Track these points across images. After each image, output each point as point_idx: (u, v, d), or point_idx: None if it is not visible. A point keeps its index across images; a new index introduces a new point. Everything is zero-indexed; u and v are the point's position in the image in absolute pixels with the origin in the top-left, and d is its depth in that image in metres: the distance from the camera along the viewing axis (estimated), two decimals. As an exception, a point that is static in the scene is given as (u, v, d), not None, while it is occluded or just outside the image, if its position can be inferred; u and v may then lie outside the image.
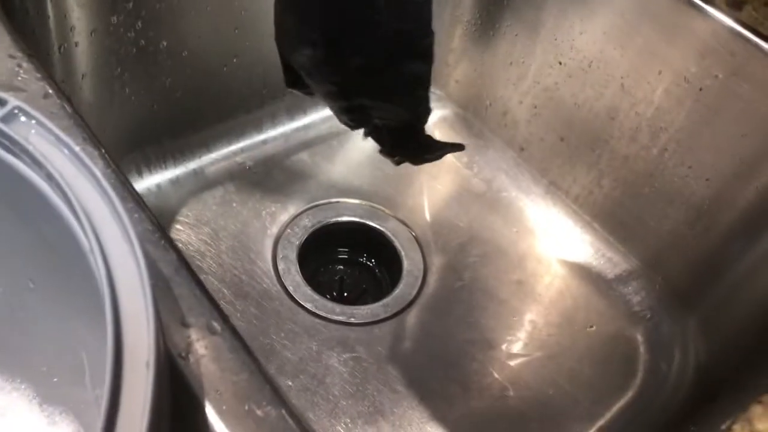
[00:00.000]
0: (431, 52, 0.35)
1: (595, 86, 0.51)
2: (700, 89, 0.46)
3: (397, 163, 0.40)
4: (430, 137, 0.39)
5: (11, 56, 0.31)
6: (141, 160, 0.53)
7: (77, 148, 0.24)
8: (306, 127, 0.61)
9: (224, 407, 0.22)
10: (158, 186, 0.52)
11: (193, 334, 0.23)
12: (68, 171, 0.24)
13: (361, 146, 0.62)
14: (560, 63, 0.53)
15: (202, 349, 0.23)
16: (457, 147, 0.41)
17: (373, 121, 0.37)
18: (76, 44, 0.44)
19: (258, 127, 0.58)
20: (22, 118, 0.25)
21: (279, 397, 0.22)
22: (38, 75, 0.30)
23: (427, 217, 0.57)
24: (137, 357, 0.20)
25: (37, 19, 0.40)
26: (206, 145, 0.56)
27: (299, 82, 0.36)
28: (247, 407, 0.22)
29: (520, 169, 0.59)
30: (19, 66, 0.30)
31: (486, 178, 0.60)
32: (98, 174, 0.23)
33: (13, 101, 0.25)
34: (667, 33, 0.46)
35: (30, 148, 0.24)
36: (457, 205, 0.59)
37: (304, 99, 0.60)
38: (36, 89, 0.30)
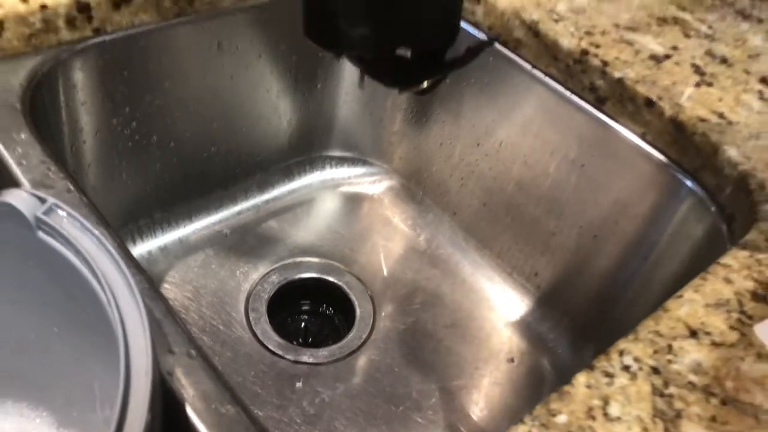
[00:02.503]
0: None
1: (506, 163, 0.63)
2: (582, 165, 0.57)
3: (425, 92, 0.41)
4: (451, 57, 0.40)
5: (42, 161, 0.42)
6: (135, 230, 0.63)
7: (96, 232, 0.35)
8: (274, 198, 0.72)
9: (197, 407, 0.32)
10: (149, 252, 0.63)
11: (177, 359, 0.34)
12: (91, 248, 0.34)
13: (321, 213, 0.73)
14: (478, 144, 0.65)
15: (183, 369, 0.33)
16: (486, 44, 0.43)
17: (399, 52, 0.37)
18: (84, 142, 0.55)
19: (233, 200, 0.70)
20: (59, 212, 0.35)
21: (237, 399, 0.33)
22: (62, 175, 0.41)
23: (378, 271, 0.68)
24: (140, 373, 0.31)
25: (55, 126, 0.52)
26: (189, 217, 0.67)
27: (318, 30, 0.38)
28: (213, 407, 0.32)
29: (454, 229, 0.71)
30: (49, 169, 0.42)
31: (427, 237, 0.71)
32: (112, 250, 0.34)
33: (50, 199, 0.35)
34: (555, 123, 0.58)
35: (64, 233, 0.34)
36: (403, 261, 0.70)
37: (272, 175, 0.72)
38: (61, 186, 0.41)
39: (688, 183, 0.51)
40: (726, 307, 0.37)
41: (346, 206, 0.74)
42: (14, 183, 0.41)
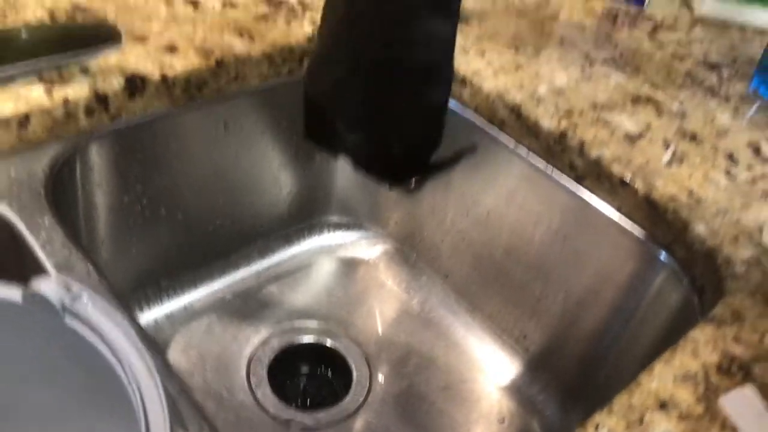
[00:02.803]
0: (451, 83, 0.41)
1: (494, 231, 0.67)
2: (565, 236, 0.61)
3: (413, 190, 0.45)
4: (437, 160, 0.44)
5: (64, 245, 0.45)
6: (143, 298, 0.67)
7: (118, 316, 0.38)
8: (275, 264, 0.75)
9: (211, 480, 0.35)
10: (156, 321, 0.66)
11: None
12: (113, 332, 0.38)
13: (320, 277, 0.76)
14: (467, 212, 0.69)
15: (197, 444, 0.36)
16: (467, 151, 0.49)
17: (392, 151, 0.42)
18: (99, 219, 0.59)
19: (236, 267, 0.73)
20: (83, 298, 0.39)
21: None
22: (82, 257, 0.45)
23: (373, 334, 0.71)
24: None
25: (73, 205, 0.55)
26: (194, 284, 0.70)
27: (318, 131, 0.42)
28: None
29: (447, 292, 0.74)
30: (70, 252, 0.45)
31: (420, 300, 0.75)
32: (132, 333, 0.37)
33: (76, 286, 0.39)
34: (538, 196, 0.62)
35: (89, 318, 0.38)
36: (398, 324, 0.73)
37: (273, 241, 0.76)
38: (81, 268, 0.44)
39: (663, 256, 0.55)
40: (693, 380, 0.40)
41: (343, 270, 0.77)
42: (39, 266, 0.44)
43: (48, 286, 0.38)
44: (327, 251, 0.78)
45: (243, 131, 0.65)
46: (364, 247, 0.79)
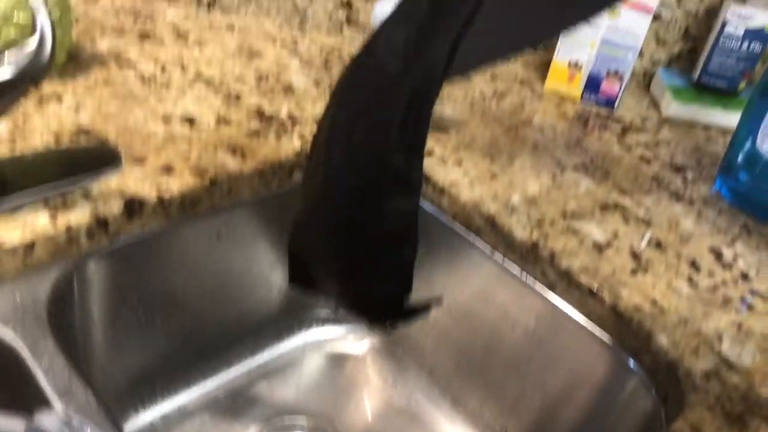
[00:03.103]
0: (417, 242, 0.46)
1: (474, 330, 0.70)
2: (540, 339, 0.65)
3: (390, 331, 0.52)
4: (410, 306, 0.50)
5: (64, 369, 0.48)
6: (138, 401, 0.69)
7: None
8: (265, 362, 0.78)
9: None
10: (151, 424, 0.69)
11: None
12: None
13: (308, 373, 0.79)
14: (449, 312, 0.72)
15: None
16: (432, 304, 0.54)
17: (368, 298, 0.47)
18: (96, 330, 0.62)
19: (228, 365, 0.76)
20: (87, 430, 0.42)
21: None
22: (82, 383, 0.48)
23: (361, 428, 0.73)
24: None
25: (71, 319, 0.59)
26: (187, 384, 0.73)
27: (300, 279, 0.49)
28: None
29: (431, 387, 0.77)
30: (71, 378, 0.48)
31: (406, 395, 0.77)
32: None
33: (77, 419, 0.42)
34: (514, 300, 0.66)
35: (87, 451, 0.41)
36: (385, 418, 0.75)
37: (264, 338, 0.79)
38: (81, 395, 0.47)
39: (632, 363, 0.58)
40: (653, 500, 0.43)
41: (332, 365, 0.80)
42: (41, 391, 0.47)
43: (50, 420, 0.41)
44: (316, 347, 0.81)
45: (235, 239, 0.69)
46: (351, 341, 0.82)
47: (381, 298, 0.49)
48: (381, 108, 0.41)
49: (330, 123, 0.43)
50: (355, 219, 0.45)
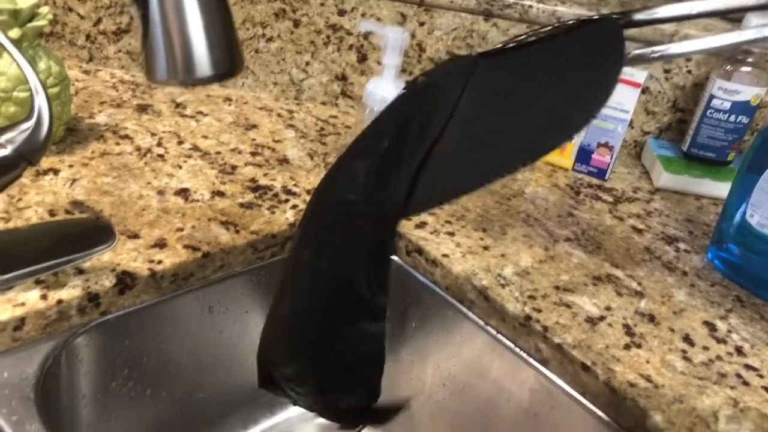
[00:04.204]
0: (383, 361, 0.49)
1: (469, 404, 0.69)
2: (535, 414, 0.64)
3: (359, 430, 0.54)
4: (379, 409, 0.53)
5: (49, 451, 0.48)
6: (124, 478, 0.68)
7: None
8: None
9: None
10: (138, 503, 0.67)
11: None
12: None
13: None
14: (444, 384, 0.71)
15: None
16: (400, 408, 0.55)
17: (338, 405, 0.51)
18: (85, 406, 0.61)
19: (218, 439, 0.75)
20: None
21: None
22: (66, 465, 0.47)
23: (354, 506, 0.72)
24: None
25: (59, 398, 0.58)
26: (177, 460, 0.71)
27: (269, 384, 0.51)
28: None
29: (426, 462, 0.75)
30: (54, 459, 0.47)
31: (400, 469, 0.76)
32: None
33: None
34: (509, 374, 0.65)
35: None
36: (378, 495, 0.73)
37: (255, 411, 0.78)
38: (65, 477, 0.46)
39: (626, 441, 0.57)
40: None
41: (324, 438, 0.78)
42: (23, 475, 0.46)
43: None
44: (308, 419, 0.80)
45: (228, 311, 0.69)
46: (344, 414, 0.80)
47: (350, 407, 0.52)
48: (344, 239, 0.44)
49: (296, 253, 0.46)
50: (320, 343, 0.48)
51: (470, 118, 0.42)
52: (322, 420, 0.80)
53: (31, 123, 0.51)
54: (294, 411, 0.80)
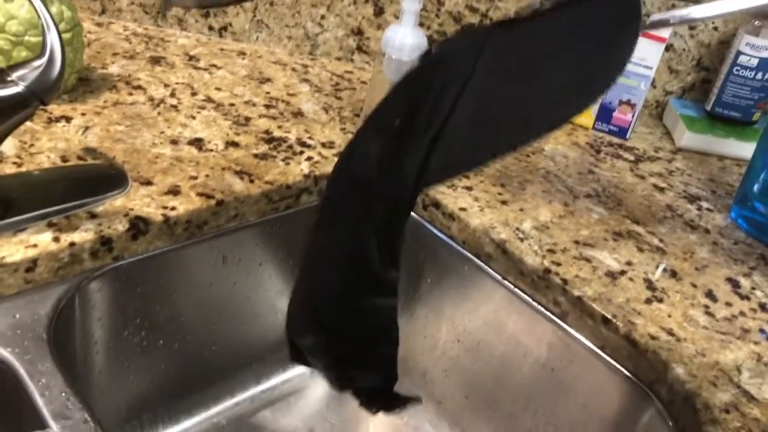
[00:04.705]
0: (397, 339, 0.50)
1: (484, 360, 0.69)
2: (552, 369, 0.63)
3: (374, 413, 0.54)
4: (396, 394, 0.53)
5: (63, 392, 0.47)
6: (138, 426, 0.68)
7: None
8: (269, 388, 0.76)
9: None
10: (151, 451, 0.67)
11: None
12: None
13: (313, 401, 0.77)
14: (458, 340, 0.71)
15: None
16: (414, 400, 0.55)
17: (357, 384, 0.52)
18: (97, 353, 0.61)
19: (231, 392, 0.74)
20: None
21: None
22: (80, 406, 0.46)
23: (366, 461, 0.71)
24: None
25: (73, 343, 0.57)
26: (189, 411, 0.71)
27: (300, 357, 0.52)
28: None
29: (440, 419, 0.75)
30: (68, 400, 0.47)
31: (414, 425, 0.75)
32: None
33: (70, 441, 0.40)
34: (526, 329, 0.64)
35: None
36: (391, 450, 0.73)
37: (268, 367, 0.77)
38: (78, 416, 0.46)
39: (647, 395, 0.56)
40: None
41: (337, 395, 0.78)
42: (36, 413, 0.46)
43: (44, 444, 0.39)
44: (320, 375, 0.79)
45: (241, 263, 0.68)
46: (358, 370, 0.80)
47: (367, 387, 0.52)
48: (362, 215, 0.44)
49: (315, 230, 0.47)
50: (336, 315, 0.48)
51: (485, 89, 0.41)
52: (335, 376, 0.79)
53: (43, 60, 0.50)
54: (306, 367, 0.79)
